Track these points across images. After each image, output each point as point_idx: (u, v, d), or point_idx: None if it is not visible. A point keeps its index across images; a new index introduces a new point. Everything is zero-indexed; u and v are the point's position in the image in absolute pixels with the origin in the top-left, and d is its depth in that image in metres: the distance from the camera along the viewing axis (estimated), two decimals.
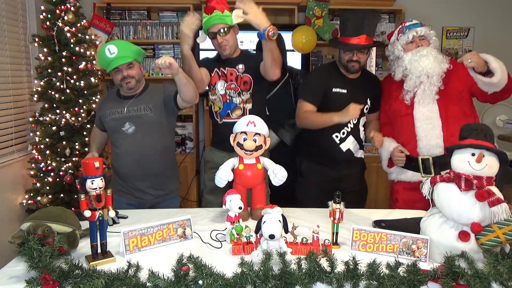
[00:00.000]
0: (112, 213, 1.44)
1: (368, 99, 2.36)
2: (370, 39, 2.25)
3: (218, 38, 2.16)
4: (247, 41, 3.63)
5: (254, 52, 2.76)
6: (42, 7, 3.02)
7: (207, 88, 2.34)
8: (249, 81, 2.25)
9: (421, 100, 2.19)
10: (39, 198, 2.97)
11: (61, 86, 2.97)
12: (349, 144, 2.34)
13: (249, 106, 2.26)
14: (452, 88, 2.19)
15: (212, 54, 2.42)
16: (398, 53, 2.25)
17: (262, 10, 2.03)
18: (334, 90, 2.30)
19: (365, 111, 2.36)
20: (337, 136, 2.32)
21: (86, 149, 3.05)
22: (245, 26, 2.21)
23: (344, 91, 2.31)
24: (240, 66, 2.25)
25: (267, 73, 2.15)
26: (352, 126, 2.33)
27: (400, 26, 2.30)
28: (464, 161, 1.40)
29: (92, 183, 1.36)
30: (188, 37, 2.06)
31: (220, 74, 2.26)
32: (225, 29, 2.14)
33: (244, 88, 2.25)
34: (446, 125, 2.17)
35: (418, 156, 2.17)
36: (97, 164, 1.37)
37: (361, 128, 2.39)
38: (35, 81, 3.05)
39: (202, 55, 3.77)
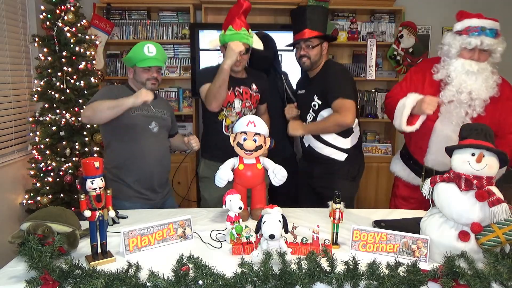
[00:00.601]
0: (112, 213, 1.44)
1: (315, 96, 2.30)
2: (315, 32, 2.25)
3: (238, 56, 2.18)
4: None
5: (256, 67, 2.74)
6: (42, 7, 3.02)
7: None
8: (259, 99, 2.41)
9: (448, 116, 1.98)
10: (39, 198, 2.97)
11: (61, 86, 2.97)
12: (308, 139, 2.35)
13: None
14: (487, 118, 1.91)
15: (210, 55, 2.44)
16: (452, 54, 1.98)
17: (262, 11, 2.12)
18: (298, 91, 2.49)
19: (314, 108, 2.30)
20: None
21: (86, 149, 3.06)
22: (252, 27, 2.26)
23: (303, 91, 2.42)
24: (254, 87, 2.37)
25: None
26: (309, 122, 2.34)
27: (474, 25, 1.93)
28: (464, 161, 1.40)
29: (92, 183, 1.36)
30: (235, 55, 2.11)
31: (236, 93, 2.32)
32: (246, 49, 2.22)
33: (256, 105, 2.42)
34: None
35: (424, 165, 2.15)
36: (97, 164, 1.36)
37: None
38: (35, 81, 3.05)
39: (202, 55, 3.78)
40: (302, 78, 2.58)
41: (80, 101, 3.03)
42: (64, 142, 3.02)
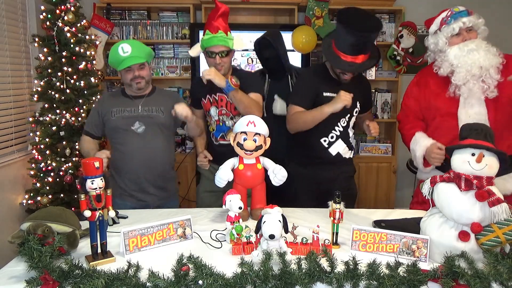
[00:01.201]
0: (112, 213, 1.44)
1: (358, 102, 2.25)
2: (366, 55, 2.09)
3: (216, 59, 2.18)
4: (247, 41, 3.64)
5: (243, 68, 2.75)
6: (42, 7, 3.02)
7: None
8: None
9: (467, 100, 1.95)
10: (39, 198, 2.97)
11: (61, 86, 2.97)
12: (339, 148, 2.25)
13: None
14: (503, 90, 1.92)
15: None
16: (442, 46, 2.00)
17: (262, 11, 2.08)
18: (325, 94, 2.20)
19: (354, 114, 2.27)
20: (325, 141, 2.23)
21: None
22: (246, 26, 2.23)
23: (334, 95, 2.17)
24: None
25: None
26: (341, 129, 2.23)
27: (444, 16, 2.01)
28: (464, 161, 1.40)
29: (92, 183, 1.36)
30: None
31: (211, 100, 2.31)
32: (225, 52, 2.18)
33: (236, 113, 2.27)
34: (495, 130, 1.73)
35: None
36: (97, 164, 1.36)
37: (350, 132, 2.29)
38: (35, 81, 3.05)
39: (202, 55, 3.77)
40: (329, 79, 2.25)
41: (80, 101, 3.03)
42: (64, 142, 3.02)
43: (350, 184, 2.39)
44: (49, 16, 2.96)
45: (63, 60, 2.96)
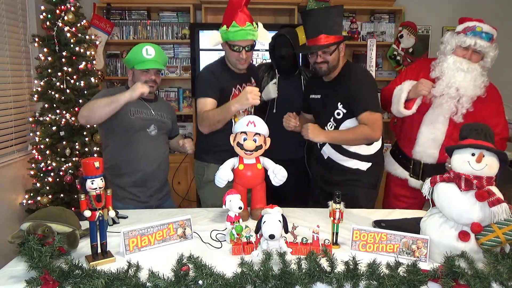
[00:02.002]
0: (112, 213, 1.44)
1: (339, 103, 2.11)
2: (331, 37, 2.03)
3: (243, 53, 2.06)
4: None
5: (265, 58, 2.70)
6: (42, 7, 3.02)
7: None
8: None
9: (438, 109, 2.09)
10: (39, 198, 2.97)
11: (61, 86, 2.97)
12: (328, 152, 2.20)
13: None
14: (472, 116, 2.03)
15: (210, 55, 2.33)
16: (448, 50, 2.10)
17: (262, 11, 2.04)
18: (311, 96, 2.25)
19: (337, 116, 2.12)
20: (316, 143, 2.21)
21: (86, 149, 3.06)
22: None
23: (318, 96, 2.21)
24: (253, 80, 2.31)
25: None
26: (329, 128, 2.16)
27: (471, 25, 2.06)
28: (464, 161, 1.40)
29: (92, 183, 1.36)
30: (248, 105, 1.96)
31: (238, 92, 2.18)
32: (249, 46, 2.08)
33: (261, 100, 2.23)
34: (447, 143, 2.07)
35: (412, 158, 2.25)
36: (97, 164, 1.36)
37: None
38: (35, 81, 3.05)
39: (202, 55, 3.78)
40: (314, 81, 2.31)
41: (80, 101, 3.03)
42: (64, 142, 3.03)
43: (352, 193, 2.15)
44: (49, 16, 2.96)
45: (63, 60, 2.96)
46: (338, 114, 2.12)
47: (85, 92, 3.07)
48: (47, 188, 2.97)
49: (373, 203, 2.30)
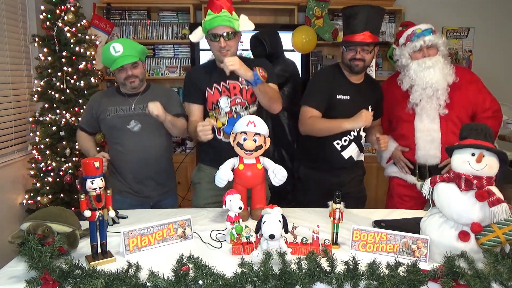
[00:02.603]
0: (112, 213, 1.44)
1: (370, 106, 2.23)
2: (375, 36, 2.13)
3: (221, 42, 1.95)
4: (246, 41, 3.63)
5: (249, 55, 2.71)
6: (42, 7, 3.03)
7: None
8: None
9: (424, 111, 2.19)
10: (39, 198, 2.97)
11: (61, 86, 2.97)
12: (351, 151, 2.24)
13: None
14: (456, 103, 2.19)
15: (210, 55, 2.19)
16: (405, 61, 2.23)
17: (262, 11, 2.03)
18: (337, 96, 2.18)
19: None
20: (338, 144, 2.20)
21: None
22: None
23: (347, 97, 2.19)
24: (241, 79, 2.00)
25: (269, 110, 2.09)
26: (355, 134, 2.21)
27: (410, 32, 2.22)
28: (464, 161, 1.40)
29: (92, 183, 1.36)
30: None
31: (221, 89, 2.06)
32: (231, 33, 1.96)
33: (251, 100, 2.09)
34: (445, 139, 2.18)
35: (416, 163, 2.28)
36: (97, 164, 1.36)
37: (363, 134, 2.28)
38: (35, 81, 3.05)
39: (202, 55, 3.78)
40: (340, 81, 2.23)
41: (80, 101, 3.03)
42: (64, 142, 3.03)
43: (360, 187, 2.39)
44: (49, 16, 2.96)
45: (63, 60, 2.96)
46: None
47: (85, 92, 3.07)
48: (47, 188, 2.97)
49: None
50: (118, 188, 2.17)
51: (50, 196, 2.97)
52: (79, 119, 2.96)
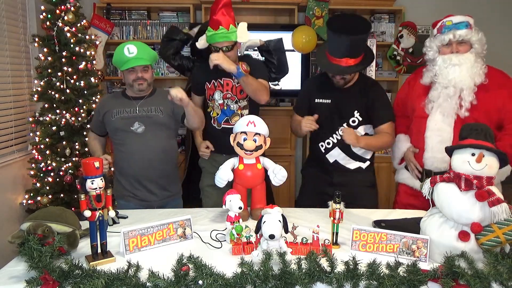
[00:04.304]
0: (112, 213, 1.44)
1: (356, 112, 2.17)
2: (356, 59, 2.05)
3: (221, 53, 2.17)
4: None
5: (253, 55, 2.75)
6: (42, 7, 3.02)
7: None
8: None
9: (439, 110, 2.02)
10: (39, 198, 2.97)
11: (61, 86, 2.97)
12: (336, 155, 2.22)
13: (246, 112, 2.35)
14: (479, 106, 1.96)
15: None
16: (432, 54, 2.06)
17: (262, 11, 2.07)
18: (316, 100, 2.25)
19: (351, 123, 2.18)
20: (322, 146, 2.25)
21: (86, 149, 3.05)
22: (252, 27, 2.25)
23: (328, 101, 2.21)
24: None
25: (255, 100, 2.30)
26: (338, 137, 2.17)
27: (441, 23, 2.06)
28: (464, 161, 1.40)
29: (92, 183, 1.36)
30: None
31: (216, 85, 2.32)
32: (229, 46, 2.18)
33: (241, 96, 2.32)
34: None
35: (423, 167, 2.13)
36: (97, 164, 1.37)
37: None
38: (35, 81, 3.05)
39: None
40: (320, 85, 2.28)
41: (80, 101, 3.02)
42: (64, 142, 3.02)
43: (356, 197, 2.18)
44: (49, 16, 2.96)
45: (63, 60, 2.95)
46: (354, 121, 2.19)
47: (85, 92, 3.07)
48: (47, 188, 2.97)
49: (375, 202, 2.36)
50: (121, 192, 2.20)
51: (50, 196, 2.97)
52: (79, 119, 2.97)
